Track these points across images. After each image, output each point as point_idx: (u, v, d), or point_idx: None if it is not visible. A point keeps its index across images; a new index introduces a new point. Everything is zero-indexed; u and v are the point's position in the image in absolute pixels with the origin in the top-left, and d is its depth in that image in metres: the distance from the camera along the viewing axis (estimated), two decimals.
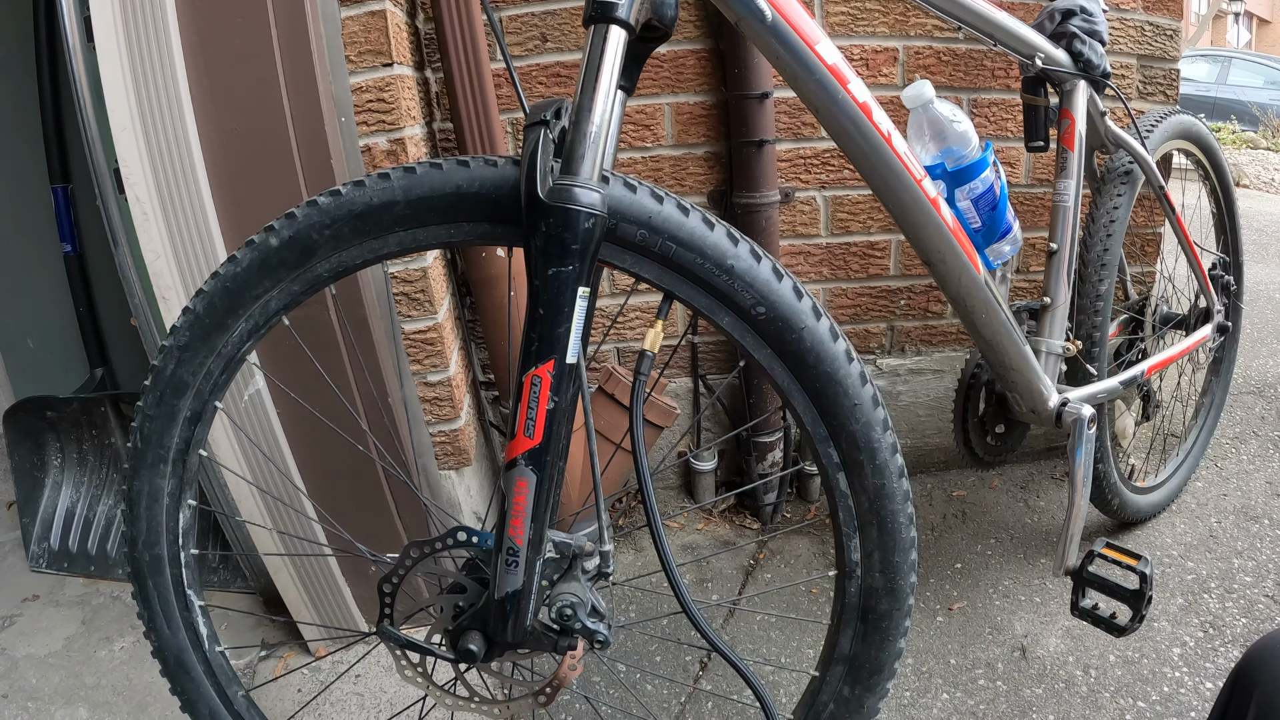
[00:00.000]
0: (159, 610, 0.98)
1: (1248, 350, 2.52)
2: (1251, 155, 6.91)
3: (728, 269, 0.77)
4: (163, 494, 0.95)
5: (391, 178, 0.81)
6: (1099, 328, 1.37)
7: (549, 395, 0.70)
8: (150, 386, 0.90)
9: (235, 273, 0.86)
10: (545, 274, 0.71)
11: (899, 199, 0.98)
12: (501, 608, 0.77)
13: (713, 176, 1.67)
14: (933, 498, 1.93)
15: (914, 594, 0.90)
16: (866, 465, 0.81)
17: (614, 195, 0.76)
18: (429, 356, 1.41)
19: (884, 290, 1.81)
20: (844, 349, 0.79)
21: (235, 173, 1.21)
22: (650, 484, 0.75)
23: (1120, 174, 1.46)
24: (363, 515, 1.36)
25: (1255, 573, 1.57)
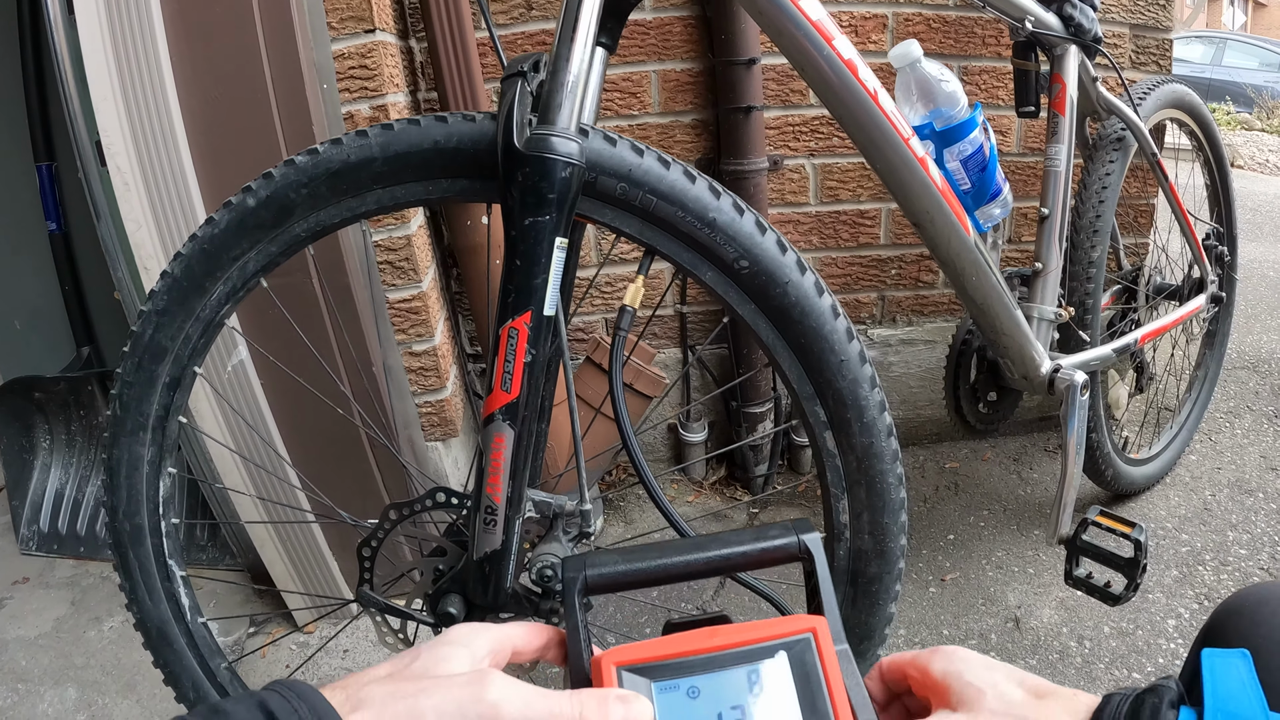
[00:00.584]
0: (140, 581, 0.97)
1: (1242, 326, 2.52)
2: (1246, 136, 6.90)
3: (710, 222, 0.75)
4: (142, 462, 0.94)
5: (369, 135, 0.80)
6: (1091, 294, 1.36)
7: (526, 348, 0.69)
8: (129, 352, 0.89)
9: (213, 234, 0.84)
10: (522, 224, 0.69)
11: (885, 158, 0.97)
12: (480, 569, 0.76)
13: (700, 144, 1.65)
14: (925, 469, 1.92)
15: (904, 557, 0.88)
16: (854, 423, 0.80)
17: (593, 148, 0.75)
18: (414, 326, 1.40)
19: (874, 259, 1.79)
20: (830, 304, 0.78)
21: (216, 141, 1.20)
22: (625, 411, 0.74)
23: (1113, 140, 1.45)
24: (346, 484, 1.36)
25: (1250, 545, 1.57)
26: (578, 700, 0.41)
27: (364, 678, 0.42)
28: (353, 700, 0.40)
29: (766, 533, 0.50)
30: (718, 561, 0.49)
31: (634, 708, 0.42)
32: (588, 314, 1.77)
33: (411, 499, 0.80)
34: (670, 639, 0.45)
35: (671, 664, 0.44)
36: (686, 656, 0.44)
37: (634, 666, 0.44)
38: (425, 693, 0.40)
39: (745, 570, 0.51)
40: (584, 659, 0.45)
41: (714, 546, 0.49)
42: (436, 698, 0.39)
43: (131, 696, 1.42)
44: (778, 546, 0.49)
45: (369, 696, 0.40)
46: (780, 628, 0.45)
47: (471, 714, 0.39)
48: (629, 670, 0.44)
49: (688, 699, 0.43)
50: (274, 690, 0.39)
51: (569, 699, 0.41)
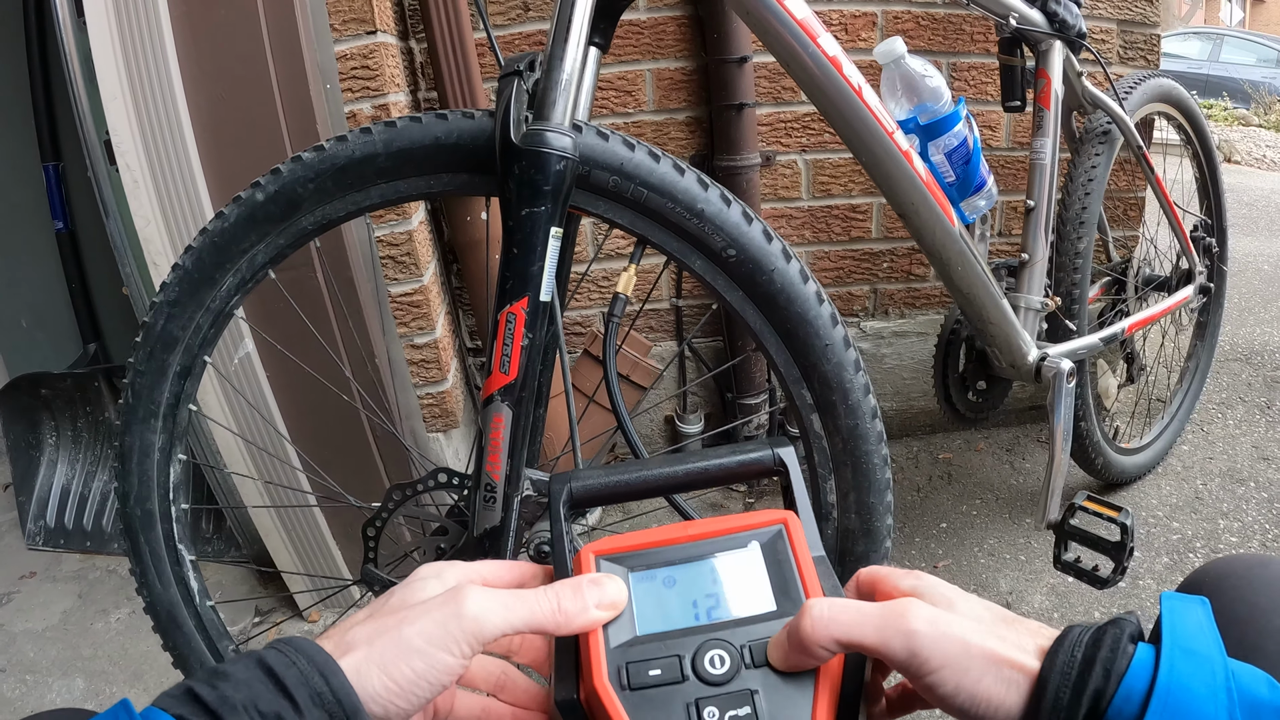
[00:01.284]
0: (150, 566, 0.99)
1: (1235, 319, 2.54)
2: (1243, 132, 6.91)
3: (698, 213, 0.78)
4: (153, 449, 0.96)
5: (373, 132, 0.83)
6: (1078, 285, 1.38)
7: (523, 331, 0.72)
8: (141, 342, 0.91)
9: (223, 228, 0.87)
10: (519, 215, 0.72)
11: (870, 151, 1.00)
12: (480, 545, 0.79)
13: (694, 141, 1.68)
14: (919, 460, 1.94)
15: (890, 537, 0.91)
16: (840, 405, 0.83)
17: (586, 143, 0.78)
18: (415, 319, 1.43)
19: (866, 253, 1.82)
20: (814, 290, 0.81)
21: (223, 140, 1.23)
22: (618, 389, 0.76)
23: (1098, 134, 1.47)
24: (349, 471, 1.39)
25: (1241, 534, 1.59)
26: (552, 591, 0.43)
27: (347, 624, 0.43)
28: (341, 645, 0.41)
29: (744, 448, 0.52)
30: (697, 474, 0.52)
31: (608, 588, 0.43)
32: (584, 308, 1.80)
33: (414, 480, 0.83)
34: (647, 531, 0.47)
35: (648, 553, 0.46)
36: (662, 546, 0.46)
37: (612, 556, 0.46)
38: (406, 622, 0.41)
39: (725, 483, 0.53)
40: (568, 569, 0.47)
41: (694, 460, 0.52)
42: (418, 624, 0.41)
43: (139, 685, 1.45)
44: (754, 459, 0.51)
45: (354, 639, 0.41)
46: (753, 519, 0.47)
47: (455, 631, 0.41)
48: (607, 559, 0.46)
49: (663, 587, 0.45)
50: (272, 647, 0.41)
51: (543, 592, 0.43)
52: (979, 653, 0.38)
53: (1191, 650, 0.36)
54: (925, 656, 0.38)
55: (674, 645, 0.42)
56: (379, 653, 0.40)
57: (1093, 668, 0.37)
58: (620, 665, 0.41)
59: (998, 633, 0.40)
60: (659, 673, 0.41)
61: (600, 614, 0.43)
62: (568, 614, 0.43)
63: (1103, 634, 0.38)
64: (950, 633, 0.39)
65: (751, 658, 0.41)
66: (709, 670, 0.41)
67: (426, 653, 0.40)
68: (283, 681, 0.38)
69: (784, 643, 0.41)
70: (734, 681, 0.41)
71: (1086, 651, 0.37)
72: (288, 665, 0.39)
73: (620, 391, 0.79)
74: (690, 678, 0.41)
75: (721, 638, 0.42)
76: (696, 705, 0.40)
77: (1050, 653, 0.38)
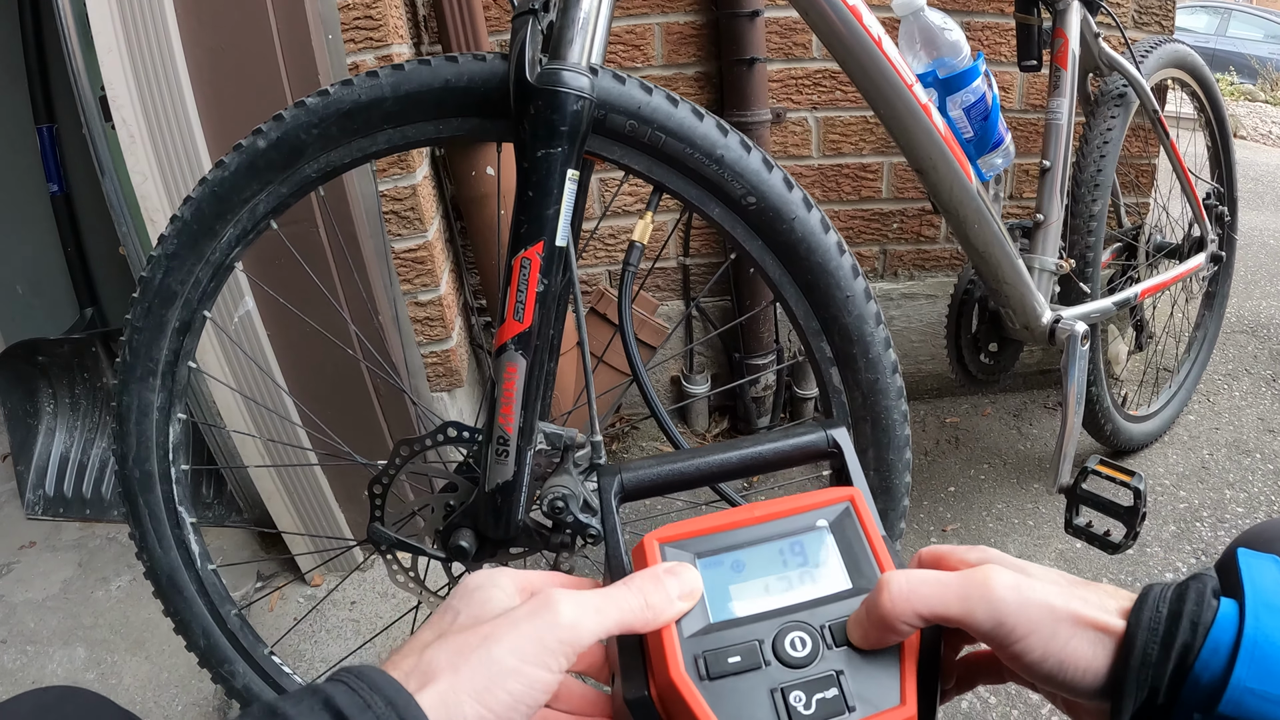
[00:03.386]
0: (150, 529, 0.97)
1: (1241, 291, 2.53)
2: (1249, 108, 6.87)
3: (717, 159, 0.76)
4: (152, 408, 0.94)
5: (380, 76, 0.80)
6: (1092, 247, 1.37)
7: (538, 277, 0.70)
8: (139, 297, 0.89)
9: (223, 177, 0.85)
10: (534, 156, 0.70)
11: (889, 103, 0.97)
12: (493, 501, 0.77)
13: (703, 97, 1.65)
14: (926, 424, 1.94)
15: (908, 495, 0.90)
16: (860, 359, 0.81)
17: (603, 86, 0.75)
18: (419, 275, 1.41)
19: (876, 213, 1.80)
20: (835, 241, 0.79)
21: (222, 92, 1.20)
22: (634, 341, 0.74)
23: (1114, 96, 1.45)
24: (352, 430, 1.37)
25: (1247, 504, 1.58)
26: (635, 586, 0.40)
27: (416, 644, 0.38)
28: (418, 674, 0.36)
29: (795, 430, 0.49)
30: (751, 460, 0.49)
31: (686, 578, 0.41)
32: (591, 266, 1.78)
33: (423, 435, 0.81)
34: (709, 516, 0.45)
35: (713, 538, 0.44)
36: (727, 530, 0.44)
37: (676, 542, 0.44)
38: (494, 639, 0.37)
39: (778, 468, 0.50)
40: (624, 562, 0.45)
41: (746, 446, 0.49)
42: (509, 641, 0.37)
43: (140, 653, 1.44)
44: (808, 443, 0.49)
45: (434, 664, 0.36)
46: (817, 498, 0.45)
47: (551, 643, 0.37)
48: (672, 546, 0.44)
49: (733, 571, 0.43)
50: (340, 680, 0.35)
51: (627, 589, 0.40)
52: (1065, 615, 0.38)
53: (1273, 605, 0.36)
54: (1012, 624, 0.37)
55: (751, 630, 0.40)
56: (467, 679, 0.36)
57: (1179, 622, 0.36)
58: (696, 655, 0.39)
59: (1079, 595, 0.39)
60: (738, 659, 0.39)
61: (684, 605, 0.41)
62: (655, 609, 0.40)
63: (1186, 589, 0.37)
64: (1034, 598, 0.38)
65: (832, 638, 0.40)
66: (790, 653, 0.39)
67: (522, 672, 0.36)
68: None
69: (864, 620, 0.39)
70: (817, 663, 0.39)
71: (1171, 606, 0.37)
72: (361, 709, 0.33)
73: (636, 346, 0.77)
74: (772, 662, 0.39)
75: (800, 619, 0.41)
76: (782, 691, 0.38)
77: (1135, 609, 0.37)
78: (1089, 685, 0.37)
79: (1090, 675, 0.37)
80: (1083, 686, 0.37)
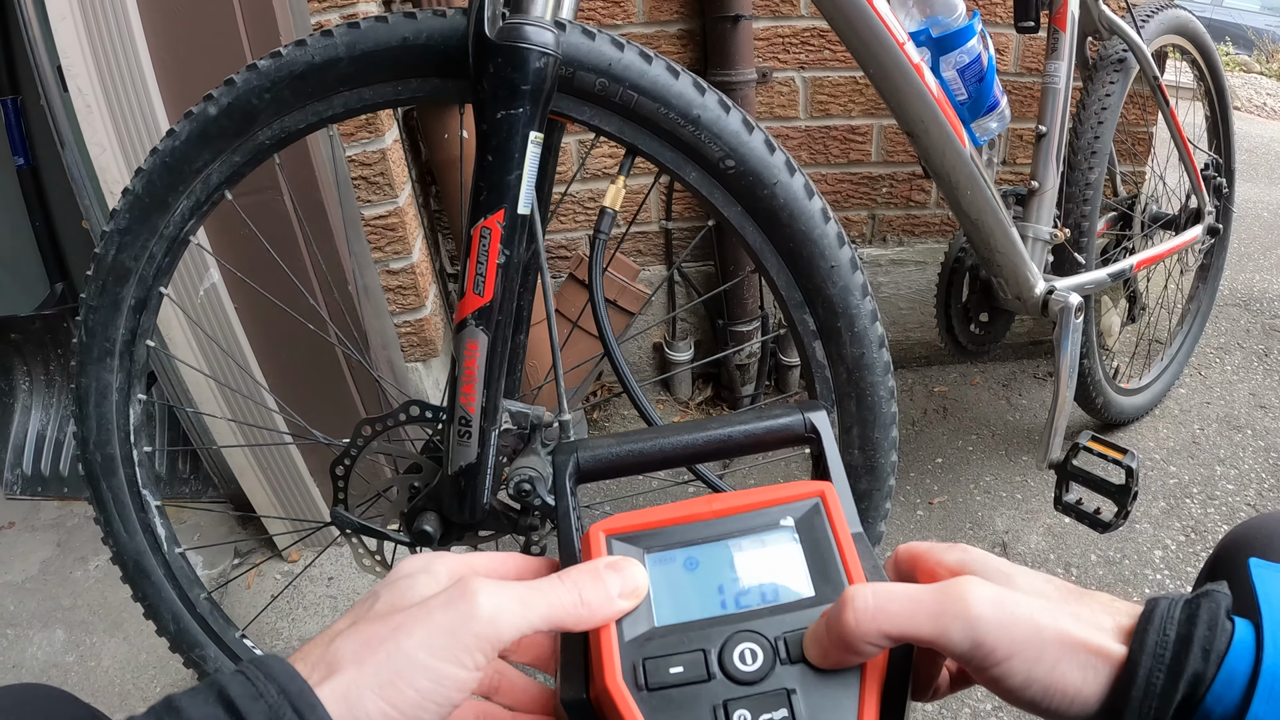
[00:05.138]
0: (115, 513, 0.96)
1: (1235, 264, 2.51)
2: (1245, 79, 6.79)
3: (694, 119, 0.72)
4: (111, 389, 0.92)
5: (335, 35, 0.76)
6: (1088, 216, 1.33)
7: (499, 248, 0.66)
8: (92, 275, 0.87)
9: (174, 147, 0.82)
10: (494, 117, 0.66)
11: (879, 62, 0.93)
12: (456, 483, 0.73)
13: (686, 55, 1.60)
14: (914, 393, 1.92)
15: (895, 474, 0.87)
16: (845, 333, 0.77)
17: (570, 42, 0.71)
18: (390, 243, 1.37)
19: (865, 177, 1.76)
20: (820, 207, 0.75)
21: (180, 57, 1.16)
22: (605, 314, 0.71)
23: (1114, 61, 1.41)
24: (324, 406, 1.34)
25: (1238, 481, 1.57)
26: (570, 580, 0.37)
27: (326, 637, 0.36)
28: (324, 664, 0.34)
29: (770, 412, 0.45)
30: (719, 442, 0.45)
31: (629, 574, 0.38)
32: (569, 230, 1.74)
33: (385, 414, 0.77)
34: (666, 507, 0.41)
35: (665, 532, 0.40)
36: (682, 523, 0.41)
37: (624, 535, 0.40)
38: (404, 630, 0.34)
39: (749, 452, 0.46)
40: (576, 550, 0.41)
41: (714, 427, 0.45)
42: (420, 633, 0.34)
43: (119, 634, 1.43)
44: (783, 425, 0.45)
45: (339, 655, 0.34)
46: (785, 492, 0.41)
47: (467, 638, 0.34)
48: (620, 540, 0.40)
49: (684, 570, 0.39)
50: (239, 672, 0.33)
51: (561, 583, 0.37)
52: (1053, 636, 0.33)
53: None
54: (991, 645, 0.33)
55: (697, 638, 0.37)
56: (372, 672, 0.33)
57: (1190, 648, 0.32)
58: (636, 662, 0.36)
59: (1070, 610, 0.35)
60: (680, 670, 0.36)
61: (625, 604, 0.37)
62: (590, 606, 0.37)
63: (1197, 609, 0.33)
64: (1018, 615, 0.34)
65: (787, 651, 0.36)
66: (739, 667, 0.36)
67: (432, 668, 0.34)
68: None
69: (823, 637, 0.35)
70: (768, 680, 0.36)
71: (1180, 629, 0.33)
72: (253, 698, 0.32)
73: (607, 316, 0.73)
74: (717, 675, 0.36)
75: (752, 629, 0.37)
76: (725, 708, 0.35)
77: (1139, 631, 0.33)
78: (1077, 713, 0.33)
79: (1079, 704, 0.33)
80: (1070, 714, 0.34)
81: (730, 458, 0.47)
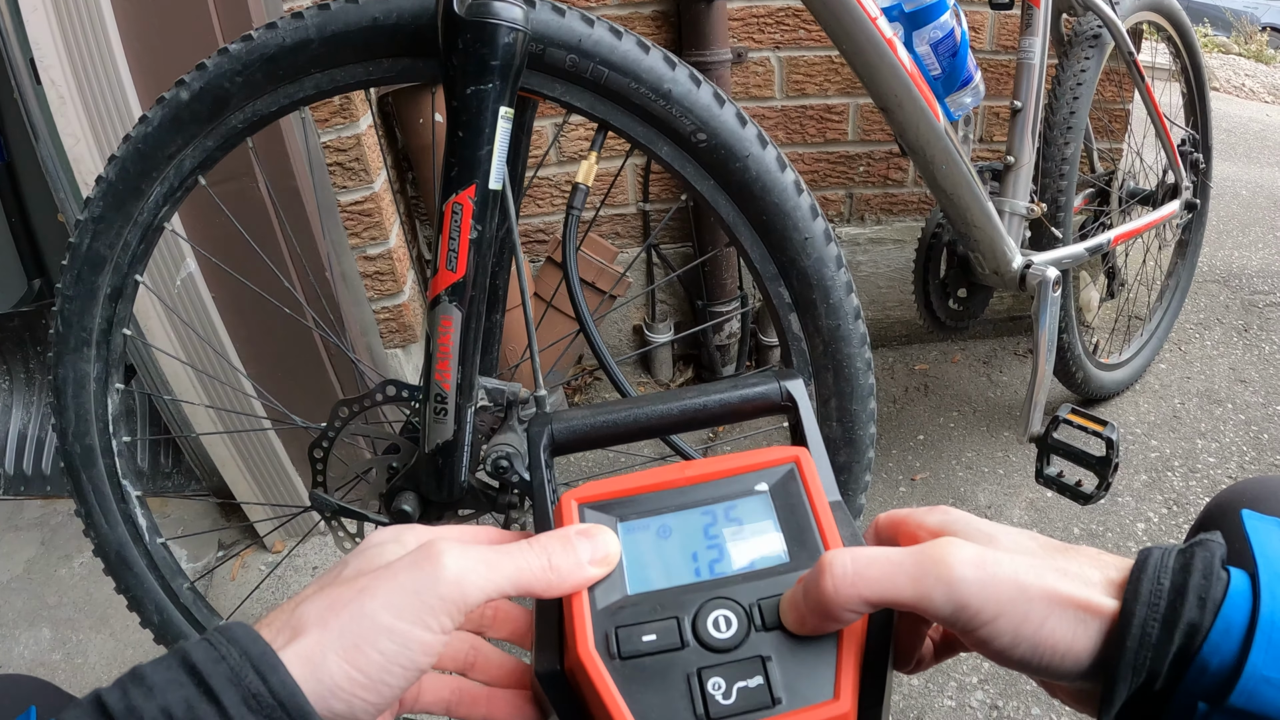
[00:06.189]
0: (95, 505, 0.95)
1: (1213, 241, 2.53)
2: (1223, 60, 6.83)
3: (664, 94, 0.72)
4: (89, 379, 0.91)
5: (305, 16, 0.76)
6: (1064, 191, 1.34)
7: (471, 224, 0.66)
8: (68, 265, 0.86)
9: (147, 133, 0.81)
10: (464, 94, 0.66)
11: (852, 38, 0.93)
12: (434, 462, 0.73)
13: (661, 36, 1.60)
14: (894, 371, 1.92)
15: (873, 446, 0.87)
16: (820, 305, 0.78)
17: (540, 18, 0.71)
18: (367, 229, 1.37)
19: (842, 156, 1.76)
20: (793, 179, 0.75)
21: (152, 45, 1.15)
22: (580, 291, 0.71)
23: (1088, 37, 1.41)
24: (303, 392, 1.33)
25: (1219, 454, 1.58)
26: (539, 546, 0.37)
27: (293, 602, 0.36)
28: (289, 628, 0.34)
29: (746, 380, 0.45)
30: (694, 411, 0.45)
31: (600, 541, 0.37)
32: (548, 214, 1.74)
33: (361, 394, 0.77)
34: (639, 474, 0.41)
35: (639, 499, 0.40)
36: (655, 491, 0.40)
37: (597, 503, 0.40)
38: (368, 592, 0.34)
39: (724, 421, 0.46)
40: (551, 520, 0.41)
41: (689, 396, 0.45)
42: (384, 594, 0.34)
43: (105, 630, 1.42)
44: (759, 394, 0.44)
45: (304, 618, 0.34)
46: (760, 458, 0.41)
47: (431, 599, 0.34)
48: (592, 508, 0.40)
49: (657, 538, 0.39)
50: (204, 639, 0.33)
51: (530, 548, 0.37)
52: (1039, 594, 0.33)
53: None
54: (976, 607, 0.32)
55: (671, 606, 0.36)
56: (336, 634, 0.33)
57: (1185, 597, 0.31)
58: (609, 631, 0.36)
59: (1056, 565, 0.34)
60: (654, 639, 0.35)
61: (596, 571, 0.37)
62: (559, 571, 0.36)
63: (1191, 558, 0.32)
64: (1000, 574, 0.33)
65: (762, 618, 0.36)
66: (712, 634, 0.35)
67: (397, 630, 0.33)
68: (208, 682, 0.31)
69: (800, 603, 0.35)
70: (742, 647, 0.35)
71: (1175, 578, 0.32)
72: (215, 661, 0.31)
73: (583, 295, 0.73)
74: (690, 643, 0.35)
75: (726, 595, 0.36)
76: (699, 675, 0.34)
77: (1132, 580, 0.33)
78: (1069, 669, 0.33)
79: (1071, 659, 0.33)
80: (1062, 671, 0.33)
81: (706, 427, 0.46)
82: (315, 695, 0.32)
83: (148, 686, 0.31)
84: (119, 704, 0.30)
